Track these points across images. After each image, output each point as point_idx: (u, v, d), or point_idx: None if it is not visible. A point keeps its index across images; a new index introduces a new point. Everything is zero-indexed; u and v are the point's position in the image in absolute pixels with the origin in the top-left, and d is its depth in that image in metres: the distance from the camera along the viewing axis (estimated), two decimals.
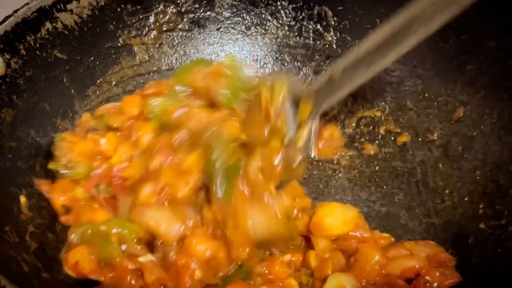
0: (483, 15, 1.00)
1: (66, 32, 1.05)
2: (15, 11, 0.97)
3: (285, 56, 1.22)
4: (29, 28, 0.99)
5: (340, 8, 1.16)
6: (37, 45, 1.00)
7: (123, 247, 0.90)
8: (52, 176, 1.00)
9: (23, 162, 0.96)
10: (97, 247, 0.89)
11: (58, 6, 1.03)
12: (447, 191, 1.02)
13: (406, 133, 1.11)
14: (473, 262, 0.90)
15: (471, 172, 1.00)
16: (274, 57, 1.22)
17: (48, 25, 1.02)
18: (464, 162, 1.02)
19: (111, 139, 1.04)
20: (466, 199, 0.99)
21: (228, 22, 1.21)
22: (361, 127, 1.15)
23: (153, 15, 1.15)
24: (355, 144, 1.14)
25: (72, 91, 1.07)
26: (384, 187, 1.07)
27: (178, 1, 1.15)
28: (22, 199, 0.92)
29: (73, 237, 0.91)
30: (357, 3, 1.14)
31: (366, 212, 1.04)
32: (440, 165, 1.05)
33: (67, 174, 1.00)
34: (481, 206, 0.95)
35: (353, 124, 1.15)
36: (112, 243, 0.90)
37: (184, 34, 1.19)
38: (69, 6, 1.04)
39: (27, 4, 0.99)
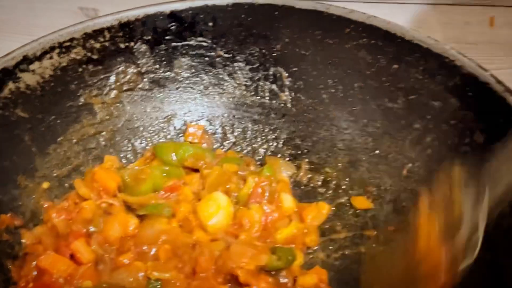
0: (429, 76, 1.06)
1: (29, 91, 1.07)
2: None
3: (242, 114, 1.26)
4: None
5: (294, 69, 1.21)
6: (0, 104, 1.03)
7: None
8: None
9: None
10: None
11: (21, 67, 1.05)
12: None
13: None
14: None
15: None
16: (232, 115, 1.26)
17: (11, 85, 1.04)
18: (413, 216, 1.06)
19: None
20: None
21: (187, 82, 1.24)
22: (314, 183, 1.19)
23: (114, 75, 1.18)
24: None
25: (33, 149, 1.09)
26: (337, 240, 1.11)
27: (139, 62, 1.19)
28: None
29: None
30: (311, 65, 1.20)
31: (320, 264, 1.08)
32: (390, 220, 1.09)
33: None
34: None
35: (304, 180, 1.20)
36: None
37: (145, 93, 1.22)
38: (31, 67, 1.06)
39: None
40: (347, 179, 1.17)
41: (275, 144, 1.25)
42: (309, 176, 1.20)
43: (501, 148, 0.86)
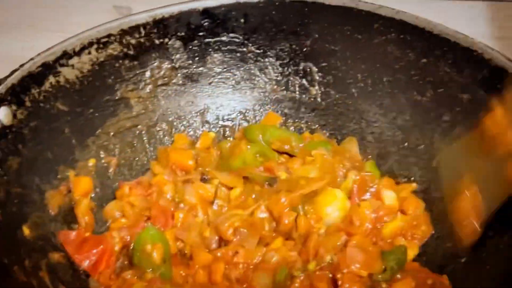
0: (457, 70, 1.09)
1: (68, 85, 1.10)
2: (22, 65, 1.04)
3: (273, 108, 1.29)
4: (34, 81, 1.05)
5: (324, 64, 1.25)
6: (41, 97, 1.06)
7: None
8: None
9: (27, 207, 1.01)
10: None
11: (61, 61, 1.09)
12: (429, 233, 1.08)
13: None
14: None
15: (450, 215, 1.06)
16: (263, 109, 1.30)
17: (51, 78, 1.08)
18: (443, 205, 1.08)
19: None
20: (446, 239, 1.04)
21: (219, 77, 1.28)
22: None
23: (149, 71, 1.21)
24: None
25: (73, 141, 1.12)
26: None
27: (173, 58, 1.23)
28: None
29: None
30: (340, 60, 1.23)
31: None
32: None
33: None
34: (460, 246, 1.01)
35: None
36: None
37: (178, 88, 1.26)
38: (71, 61, 1.10)
39: (32, 59, 1.06)
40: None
41: None
42: None
43: None
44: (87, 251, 1.02)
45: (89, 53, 1.13)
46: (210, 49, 1.25)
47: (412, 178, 1.15)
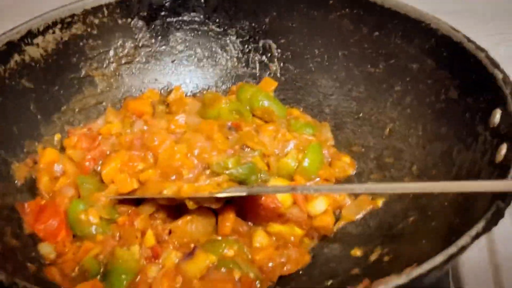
0: (407, 41, 1.14)
1: (33, 63, 1.15)
2: None
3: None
4: None
5: (282, 41, 1.29)
6: (7, 74, 1.10)
7: None
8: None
9: None
10: None
11: (26, 40, 1.13)
12: (380, 197, 1.12)
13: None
14: (402, 253, 0.99)
15: (400, 179, 1.11)
16: (225, 86, 1.35)
17: (16, 57, 1.12)
18: (395, 171, 1.13)
19: None
20: (396, 202, 1.09)
21: (182, 55, 1.32)
22: None
23: (112, 50, 1.26)
24: None
25: (38, 117, 1.16)
26: None
27: (136, 37, 1.27)
28: None
29: None
30: (298, 36, 1.28)
31: None
32: (374, 176, 1.16)
33: None
34: (409, 207, 1.06)
35: None
36: None
37: (142, 66, 1.31)
38: (35, 40, 1.14)
39: None
40: (334, 141, 1.24)
41: None
42: None
43: None
44: (45, 221, 1.04)
45: (54, 32, 1.17)
46: (172, 28, 1.30)
47: (366, 146, 1.19)
